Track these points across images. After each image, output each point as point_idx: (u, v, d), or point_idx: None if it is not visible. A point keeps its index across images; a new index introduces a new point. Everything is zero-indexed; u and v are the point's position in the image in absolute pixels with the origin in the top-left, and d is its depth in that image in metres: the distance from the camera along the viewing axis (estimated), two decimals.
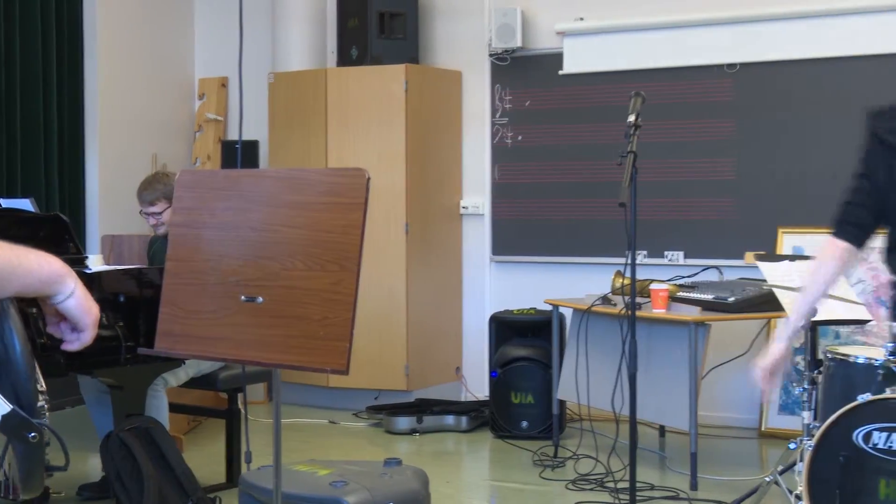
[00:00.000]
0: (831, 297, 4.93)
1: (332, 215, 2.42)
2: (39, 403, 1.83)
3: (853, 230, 4.24)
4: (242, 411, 5.54)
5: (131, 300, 4.88)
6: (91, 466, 5.76)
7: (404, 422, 7.06)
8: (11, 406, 1.77)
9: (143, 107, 8.16)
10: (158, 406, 5.22)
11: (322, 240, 2.42)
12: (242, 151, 6.96)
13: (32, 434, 1.80)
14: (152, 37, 8.35)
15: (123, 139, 7.88)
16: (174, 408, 5.62)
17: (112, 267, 5.53)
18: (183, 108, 8.65)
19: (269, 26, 8.22)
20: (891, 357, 4.59)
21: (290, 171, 2.57)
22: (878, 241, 6.62)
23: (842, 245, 4.22)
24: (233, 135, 8.40)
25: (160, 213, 5.50)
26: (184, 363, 5.25)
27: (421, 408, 7.29)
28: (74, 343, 1.95)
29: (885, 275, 6.65)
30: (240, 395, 5.66)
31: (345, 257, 2.37)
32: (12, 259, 1.82)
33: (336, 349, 2.30)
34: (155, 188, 5.56)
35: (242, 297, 2.52)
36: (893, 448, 4.19)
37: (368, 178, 2.44)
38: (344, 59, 7.82)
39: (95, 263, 5.39)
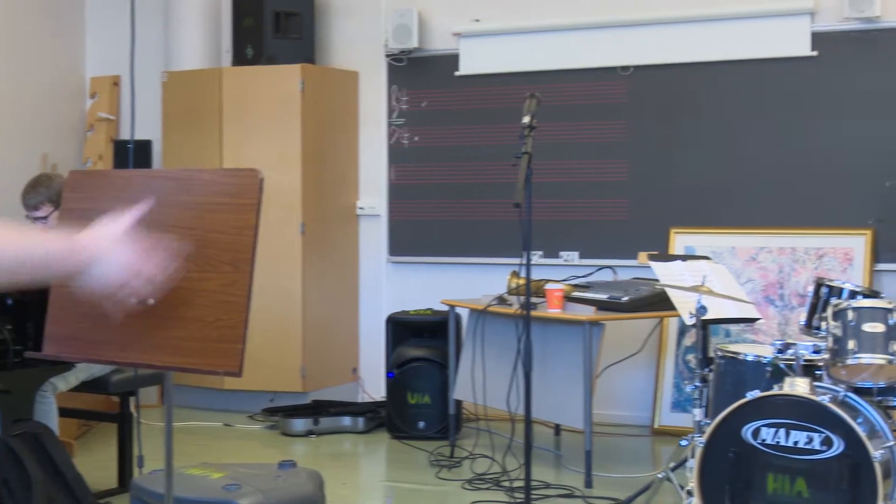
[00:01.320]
0: (722, 295, 4.99)
1: (225, 216, 2.37)
2: None
3: None
4: (135, 415, 5.45)
5: (19, 303, 4.74)
6: None
7: (300, 424, 6.99)
8: None
9: (32, 105, 7.95)
10: (47, 411, 5.06)
11: (215, 241, 2.37)
12: (135, 151, 6.86)
13: None
14: (41, 33, 8.14)
15: (12, 139, 7.66)
16: (64, 412, 5.47)
17: None
18: (74, 108, 8.45)
19: (162, 24, 8.09)
20: (779, 354, 4.66)
21: (181, 171, 2.50)
22: (766, 241, 6.75)
23: None
24: (125, 134, 8.25)
25: (45, 218, 5.25)
26: (74, 367, 5.11)
27: (317, 409, 7.23)
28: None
29: (773, 274, 6.78)
30: (132, 399, 5.56)
31: (238, 258, 2.33)
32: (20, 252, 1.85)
33: (229, 351, 2.25)
34: (38, 192, 5.28)
35: (133, 300, 2.45)
36: (781, 443, 4.26)
37: (262, 179, 2.40)
38: (239, 59, 7.72)
39: None
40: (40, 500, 4.38)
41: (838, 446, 4.17)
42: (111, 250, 1.96)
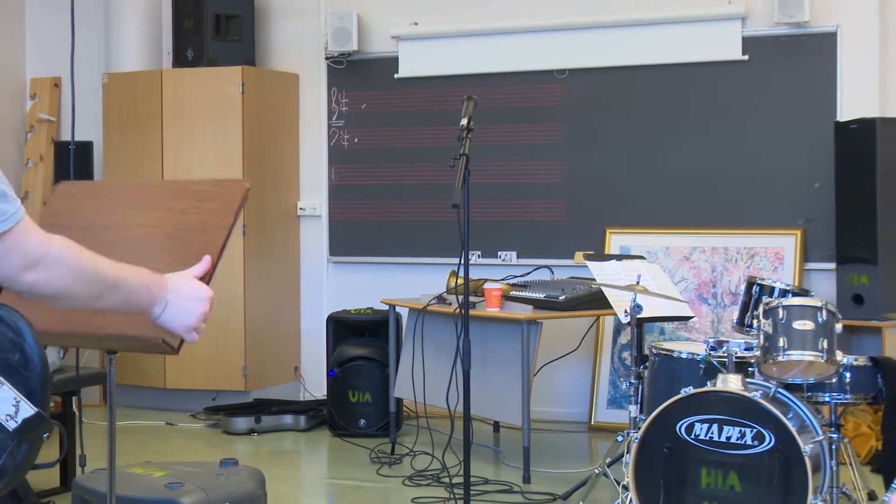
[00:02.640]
0: (656, 294, 5.02)
1: (206, 217, 2.39)
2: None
3: None
4: (77, 414, 5.38)
5: None
6: None
7: (242, 422, 6.95)
8: (36, 409, 1.89)
9: None
10: None
11: (189, 239, 2.39)
12: (76, 153, 6.73)
13: (46, 434, 1.93)
14: None
15: None
16: None
17: None
18: (13, 108, 8.33)
19: (103, 26, 7.99)
20: (712, 352, 4.70)
21: (175, 182, 2.56)
22: (699, 241, 6.80)
23: None
24: (66, 135, 8.16)
25: None
26: None
27: (259, 408, 7.19)
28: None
29: (706, 273, 6.83)
30: (74, 398, 5.48)
31: (201, 253, 2.34)
32: (109, 278, 2.04)
33: None
34: None
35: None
36: (714, 439, 4.29)
37: (248, 188, 2.42)
38: (179, 61, 7.65)
39: None
40: None
41: (769, 441, 4.21)
42: (186, 295, 2.22)
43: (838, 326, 4.50)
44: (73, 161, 5.71)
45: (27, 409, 1.88)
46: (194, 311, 2.22)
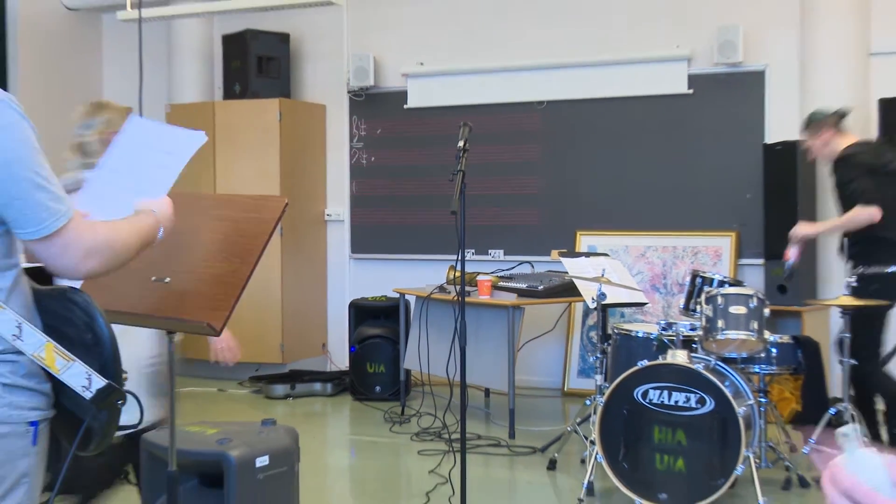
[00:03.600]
0: (617, 284, 5.01)
1: (250, 226, 2.39)
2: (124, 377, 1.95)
3: None
4: None
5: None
6: None
7: (279, 389, 6.95)
8: (106, 381, 1.84)
9: (59, 133, 7.80)
10: None
11: (235, 241, 2.38)
12: None
13: (120, 401, 1.88)
14: (69, 72, 8.02)
15: (49, 154, 7.50)
16: None
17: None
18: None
19: (166, 65, 7.99)
20: (663, 332, 4.69)
21: (230, 196, 2.55)
22: (652, 241, 6.77)
23: None
24: None
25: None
26: None
27: (293, 377, 7.18)
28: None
29: (658, 267, 6.82)
30: None
31: (246, 255, 2.33)
32: (134, 242, 2.02)
33: (219, 315, 2.23)
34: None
35: (153, 278, 2.42)
36: (665, 402, 4.29)
37: (286, 204, 2.42)
38: (228, 94, 7.64)
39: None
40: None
41: (710, 404, 4.20)
42: (167, 215, 2.17)
43: (766, 311, 4.50)
44: None
45: (99, 381, 1.85)
46: (171, 216, 2.20)
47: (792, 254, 4.99)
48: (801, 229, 5.07)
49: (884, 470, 1.07)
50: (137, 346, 3.17)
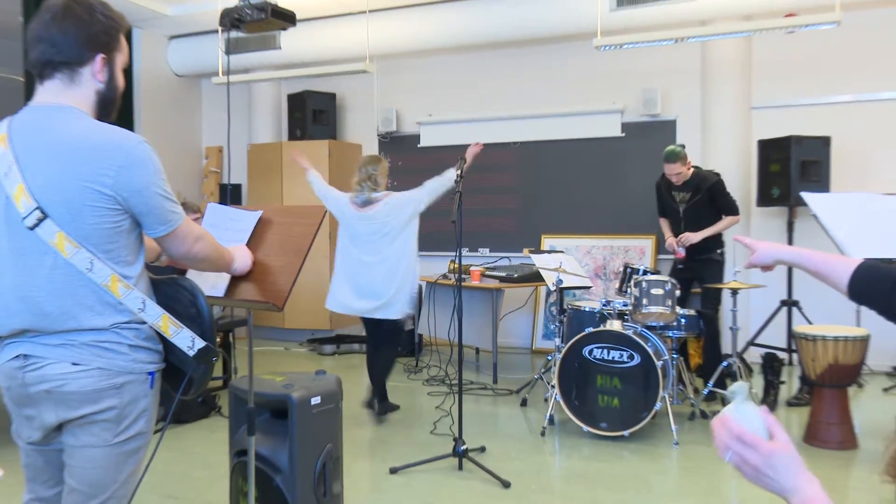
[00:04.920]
0: (571, 273, 5.00)
1: (300, 228, 2.37)
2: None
3: None
4: (232, 344, 5.37)
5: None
6: None
7: (328, 348, 6.93)
8: (206, 343, 1.86)
9: (171, 163, 7.81)
10: None
11: (289, 241, 2.36)
12: (231, 191, 6.72)
13: (214, 358, 1.87)
14: (177, 120, 8.01)
15: None
16: None
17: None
18: (194, 164, 8.30)
19: (247, 114, 7.97)
20: (603, 307, 4.67)
21: (285, 206, 2.51)
22: (596, 242, 6.71)
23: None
24: (225, 181, 8.14)
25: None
26: None
27: (339, 340, 7.16)
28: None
29: (600, 261, 6.80)
30: (230, 334, 5.49)
31: (298, 250, 2.31)
32: (220, 252, 2.03)
33: (278, 295, 2.22)
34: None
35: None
36: (605, 358, 4.28)
37: (325, 213, 2.41)
38: (292, 136, 7.62)
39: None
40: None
41: (637, 359, 4.20)
42: (242, 257, 2.18)
43: (677, 292, 4.50)
44: (229, 195, 5.71)
45: (200, 343, 1.86)
46: (247, 262, 2.19)
47: (680, 252, 5.07)
48: (689, 236, 5.06)
49: (761, 419, 1.08)
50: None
